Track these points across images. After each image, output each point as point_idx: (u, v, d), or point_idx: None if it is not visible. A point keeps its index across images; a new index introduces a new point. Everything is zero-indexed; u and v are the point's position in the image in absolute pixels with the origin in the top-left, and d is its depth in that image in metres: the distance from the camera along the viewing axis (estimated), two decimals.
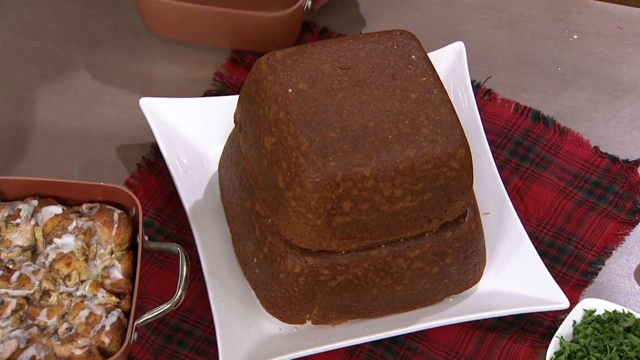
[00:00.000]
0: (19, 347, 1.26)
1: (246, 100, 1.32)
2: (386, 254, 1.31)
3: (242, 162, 1.36)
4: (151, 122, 1.48)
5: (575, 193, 1.52)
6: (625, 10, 1.72)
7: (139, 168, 1.50)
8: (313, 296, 1.32)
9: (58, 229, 1.34)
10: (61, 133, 1.54)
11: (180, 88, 1.58)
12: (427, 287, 1.36)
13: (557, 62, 1.65)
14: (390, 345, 1.39)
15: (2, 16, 1.65)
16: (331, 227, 1.26)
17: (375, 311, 1.37)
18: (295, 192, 1.24)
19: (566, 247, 1.47)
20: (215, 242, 1.41)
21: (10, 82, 1.59)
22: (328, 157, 1.23)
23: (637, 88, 1.63)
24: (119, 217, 1.35)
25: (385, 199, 1.26)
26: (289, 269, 1.30)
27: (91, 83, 1.59)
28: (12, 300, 1.29)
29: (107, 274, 1.33)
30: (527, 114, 1.58)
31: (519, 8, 1.70)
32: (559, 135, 1.57)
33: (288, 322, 1.36)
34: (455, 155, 1.26)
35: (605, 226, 1.49)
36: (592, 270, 1.46)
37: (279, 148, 1.26)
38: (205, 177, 1.47)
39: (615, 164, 1.55)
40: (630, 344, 1.35)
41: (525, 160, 1.54)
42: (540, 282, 1.40)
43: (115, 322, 1.29)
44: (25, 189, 1.37)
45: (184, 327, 1.39)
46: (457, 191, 1.29)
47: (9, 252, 1.33)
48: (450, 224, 1.33)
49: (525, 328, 1.40)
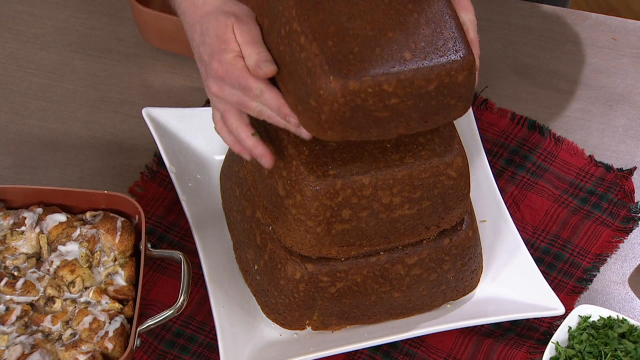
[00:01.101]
0: (23, 352, 1.26)
1: None
2: (385, 261, 1.32)
3: (243, 171, 1.36)
4: (153, 132, 1.48)
5: (571, 201, 1.52)
6: (619, 22, 1.72)
7: (142, 177, 1.51)
8: (313, 302, 1.33)
9: (62, 236, 1.35)
10: (65, 142, 1.55)
11: (182, 98, 1.59)
12: (425, 293, 1.37)
13: (552, 73, 1.65)
14: (388, 351, 1.39)
15: (7, 27, 1.66)
16: (331, 235, 1.27)
17: (374, 317, 1.37)
18: (295, 200, 1.24)
19: (561, 254, 1.48)
20: (216, 249, 1.42)
21: (15, 92, 1.60)
22: (327, 166, 1.24)
23: (631, 98, 1.64)
24: (122, 225, 1.36)
25: (384, 206, 1.26)
26: (289, 275, 1.30)
27: (94, 93, 1.60)
28: (17, 306, 1.30)
29: (111, 280, 1.33)
30: (523, 124, 1.59)
31: (515, 19, 1.71)
32: (554, 144, 1.57)
33: (288, 328, 1.36)
34: (453, 164, 1.26)
35: (599, 234, 1.50)
36: (587, 277, 1.46)
37: (279, 156, 1.27)
38: (207, 185, 1.48)
39: (609, 172, 1.55)
40: (625, 350, 1.35)
41: (521, 168, 1.55)
42: (536, 289, 1.40)
43: (118, 328, 1.29)
44: (30, 197, 1.38)
45: (186, 333, 1.39)
46: (455, 199, 1.30)
47: (14, 259, 1.34)
48: (447, 232, 1.34)
49: (522, 334, 1.41)
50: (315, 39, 1.15)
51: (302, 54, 1.17)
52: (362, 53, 1.16)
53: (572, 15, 1.72)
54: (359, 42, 1.16)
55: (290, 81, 1.20)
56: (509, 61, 1.67)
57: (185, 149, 1.50)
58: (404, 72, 1.15)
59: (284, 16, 1.19)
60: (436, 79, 1.16)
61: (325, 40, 1.16)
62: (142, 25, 1.59)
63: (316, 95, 1.15)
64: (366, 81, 1.14)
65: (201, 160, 1.50)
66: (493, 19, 1.71)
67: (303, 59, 1.16)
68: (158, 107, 1.51)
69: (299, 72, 1.18)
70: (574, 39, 1.69)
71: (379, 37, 1.17)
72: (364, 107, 1.16)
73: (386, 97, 1.16)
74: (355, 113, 1.16)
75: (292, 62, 1.19)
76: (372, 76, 1.14)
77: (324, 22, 1.17)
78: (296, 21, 1.17)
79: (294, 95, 1.19)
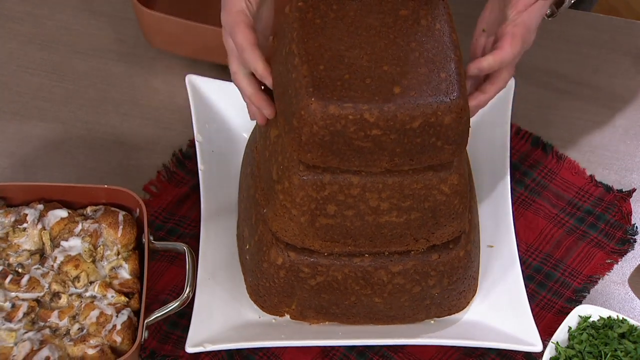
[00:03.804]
0: (32, 348, 1.27)
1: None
2: (368, 264, 1.32)
3: (255, 150, 1.38)
4: (191, 99, 1.51)
5: (567, 220, 1.52)
6: (619, 22, 1.73)
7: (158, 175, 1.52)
8: (292, 291, 1.34)
9: (64, 232, 1.35)
10: (65, 142, 1.55)
11: (182, 97, 1.59)
12: (407, 304, 1.36)
13: (552, 73, 1.66)
14: (364, 352, 1.39)
15: (8, 27, 1.66)
16: (314, 227, 1.27)
17: (354, 318, 1.38)
18: (283, 186, 1.25)
19: (552, 274, 1.47)
20: (220, 222, 1.43)
21: (15, 93, 1.60)
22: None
23: (630, 98, 1.64)
24: (124, 219, 1.36)
25: (371, 209, 1.26)
26: (271, 259, 1.32)
27: (95, 93, 1.60)
28: (24, 303, 1.30)
29: (115, 274, 1.34)
30: (527, 139, 1.59)
31: None
32: (555, 162, 1.57)
33: (267, 312, 1.38)
34: (447, 181, 1.26)
35: (593, 255, 1.49)
36: (577, 298, 1.45)
37: (279, 141, 1.27)
38: (228, 159, 1.50)
39: (609, 193, 1.54)
40: (625, 350, 1.36)
41: (520, 185, 1.54)
42: (519, 320, 1.39)
43: (125, 321, 1.30)
44: (30, 194, 1.38)
45: (189, 313, 1.38)
46: (446, 216, 1.29)
47: (18, 256, 1.34)
48: (438, 247, 1.33)
49: (503, 354, 1.40)
50: (308, 61, 1.18)
51: (293, 74, 1.19)
52: (350, 81, 1.17)
53: (572, 15, 1.72)
54: (351, 71, 1.18)
55: (282, 101, 1.22)
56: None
57: (216, 121, 1.52)
58: (387, 105, 1.16)
59: (287, 38, 1.22)
60: (421, 117, 1.17)
61: (318, 64, 1.18)
62: (145, 27, 1.59)
63: (298, 116, 1.17)
64: (347, 108, 1.16)
65: (229, 134, 1.52)
66: None
67: (293, 79, 1.19)
68: (201, 76, 1.53)
69: (289, 92, 1.20)
70: (574, 39, 1.70)
71: (373, 68, 1.18)
72: (344, 133, 1.17)
73: (367, 127, 1.17)
74: (336, 138, 1.18)
75: (285, 82, 1.21)
76: (354, 103, 1.16)
77: (321, 47, 1.19)
78: (295, 43, 1.19)
79: (283, 114, 1.22)
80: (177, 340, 1.38)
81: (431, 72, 1.19)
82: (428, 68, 1.19)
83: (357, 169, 1.22)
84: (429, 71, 1.19)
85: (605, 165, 1.58)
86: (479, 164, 1.51)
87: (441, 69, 1.19)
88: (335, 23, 1.21)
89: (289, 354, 1.38)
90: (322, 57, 1.19)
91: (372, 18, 1.22)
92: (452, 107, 1.18)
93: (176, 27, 1.56)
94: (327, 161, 1.21)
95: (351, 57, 1.19)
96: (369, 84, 1.17)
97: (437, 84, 1.18)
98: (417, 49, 1.20)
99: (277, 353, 1.38)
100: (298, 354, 1.38)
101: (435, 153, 1.21)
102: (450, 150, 1.22)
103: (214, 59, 1.60)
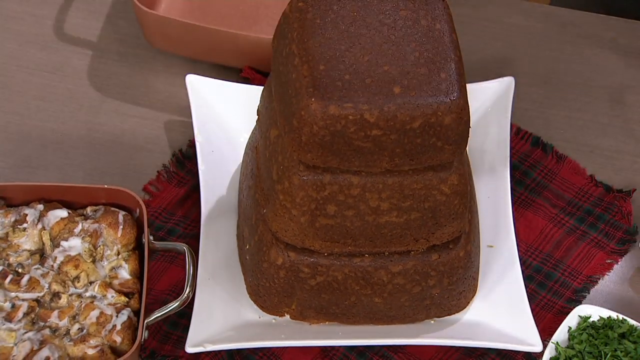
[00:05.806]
0: (32, 348, 1.27)
1: (265, 92, 1.34)
2: (368, 264, 1.32)
3: (255, 150, 1.38)
4: (191, 99, 1.51)
5: (567, 220, 1.51)
6: (619, 22, 1.73)
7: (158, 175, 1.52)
8: (292, 291, 1.34)
9: (64, 232, 1.35)
10: (65, 142, 1.55)
11: (182, 97, 1.59)
12: (407, 304, 1.36)
13: (552, 73, 1.66)
14: (364, 352, 1.39)
15: (8, 27, 1.67)
16: (314, 227, 1.27)
17: (354, 318, 1.38)
18: (283, 186, 1.26)
19: (553, 274, 1.47)
20: (220, 222, 1.44)
21: (15, 92, 1.60)
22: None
23: (630, 97, 1.64)
24: (124, 219, 1.36)
25: (371, 209, 1.26)
26: (271, 259, 1.32)
27: (95, 93, 1.60)
28: (23, 303, 1.30)
29: (115, 274, 1.34)
30: (527, 139, 1.58)
31: (515, 20, 1.72)
32: (555, 162, 1.56)
33: (267, 312, 1.38)
34: (447, 181, 1.26)
35: (593, 256, 1.49)
36: (577, 298, 1.45)
37: (279, 141, 1.27)
38: (227, 159, 1.50)
39: (609, 193, 1.54)
40: (625, 350, 1.36)
41: (520, 185, 1.54)
42: (520, 320, 1.39)
43: (125, 321, 1.30)
44: (30, 194, 1.38)
45: (189, 313, 1.38)
46: (446, 216, 1.29)
47: (18, 257, 1.34)
48: (438, 247, 1.33)
49: (503, 354, 1.40)
50: (308, 61, 1.18)
51: (293, 75, 1.19)
52: (351, 81, 1.18)
53: (572, 15, 1.72)
54: (352, 71, 1.18)
55: (282, 101, 1.23)
56: (509, 61, 1.67)
57: (216, 121, 1.52)
58: (387, 105, 1.17)
59: (287, 38, 1.22)
60: (421, 117, 1.18)
61: (318, 64, 1.18)
62: (146, 27, 1.59)
63: (298, 116, 1.18)
64: (347, 108, 1.17)
65: (229, 134, 1.52)
66: (493, 19, 1.72)
67: (293, 79, 1.19)
68: (201, 76, 1.53)
69: (289, 92, 1.20)
70: (574, 39, 1.70)
71: (373, 68, 1.19)
72: (344, 134, 1.18)
73: (368, 127, 1.17)
74: (336, 139, 1.18)
75: (285, 82, 1.21)
76: (354, 104, 1.16)
77: (322, 47, 1.20)
78: (295, 43, 1.20)
79: (283, 114, 1.22)
80: (177, 340, 1.38)
81: (431, 72, 1.19)
82: (428, 68, 1.19)
83: (357, 169, 1.22)
84: (429, 71, 1.19)
85: (605, 165, 1.58)
86: (479, 164, 1.52)
87: (441, 69, 1.19)
88: (336, 23, 1.22)
89: (289, 354, 1.38)
90: (322, 57, 1.19)
91: (372, 18, 1.23)
92: (452, 107, 1.18)
93: (176, 28, 1.56)
94: (327, 161, 1.21)
95: (351, 57, 1.20)
96: (369, 84, 1.18)
97: (437, 84, 1.19)
98: (417, 49, 1.21)
99: (277, 353, 1.38)
100: (298, 354, 1.38)
101: (435, 153, 1.22)
102: (450, 151, 1.22)
103: (214, 59, 1.61)
